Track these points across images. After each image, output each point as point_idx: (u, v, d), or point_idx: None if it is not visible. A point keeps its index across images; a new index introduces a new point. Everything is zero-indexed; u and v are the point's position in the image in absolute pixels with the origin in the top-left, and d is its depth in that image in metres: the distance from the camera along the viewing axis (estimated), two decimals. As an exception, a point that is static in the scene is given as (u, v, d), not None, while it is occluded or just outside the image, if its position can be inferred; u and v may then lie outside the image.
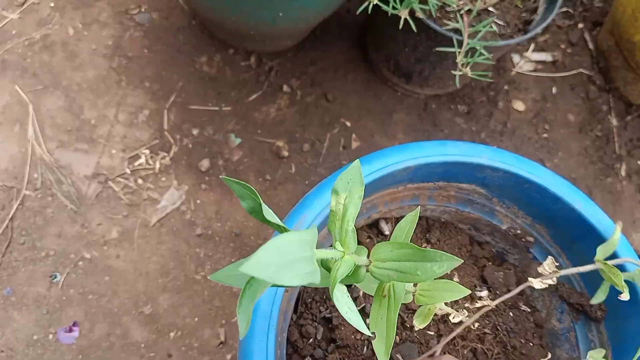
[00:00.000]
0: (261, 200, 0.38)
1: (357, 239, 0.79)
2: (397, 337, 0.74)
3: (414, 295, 0.51)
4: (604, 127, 1.29)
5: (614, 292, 0.70)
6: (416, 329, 0.65)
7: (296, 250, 0.32)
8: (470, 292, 0.48)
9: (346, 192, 0.41)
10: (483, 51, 0.85)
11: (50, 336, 0.96)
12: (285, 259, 0.31)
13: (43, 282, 0.99)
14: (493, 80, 1.28)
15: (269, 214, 0.38)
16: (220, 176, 1.08)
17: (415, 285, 0.51)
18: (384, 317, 0.43)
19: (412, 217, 0.47)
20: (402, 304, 0.76)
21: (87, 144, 1.08)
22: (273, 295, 0.60)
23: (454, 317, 0.59)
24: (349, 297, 0.40)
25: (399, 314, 0.74)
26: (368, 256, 0.42)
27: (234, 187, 0.39)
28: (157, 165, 1.08)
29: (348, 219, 0.40)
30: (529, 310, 0.80)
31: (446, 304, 0.67)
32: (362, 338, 0.74)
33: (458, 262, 0.37)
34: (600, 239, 0.68)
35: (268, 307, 0.60)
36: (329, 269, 0.40)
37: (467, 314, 0.64)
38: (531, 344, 0.77)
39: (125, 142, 1.09)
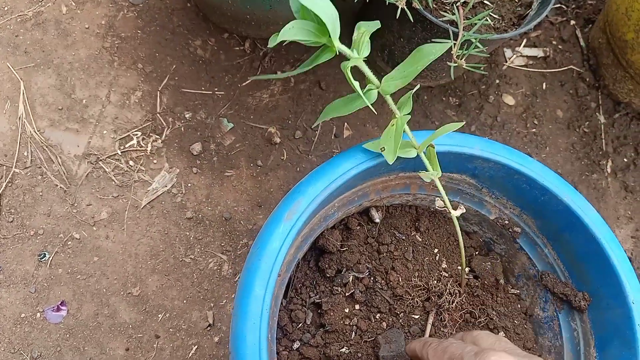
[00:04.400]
0: None
1: (348, 227, 0.80)
2: (384, 323, 0.76)
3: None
4: (592, 124, 1.31)
5: (599, 282, 0.72)
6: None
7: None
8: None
9: (367, 27, 0.60)
10: (478, 44, 0.85)
11: (38, 315, 0.96)
12: None
13: (31, 260, 0.99)
14: (485, 73, 1.29)
15: None
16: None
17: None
18: (392, 137, 0.63)
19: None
20: (390, 291, 0.77)
21: (77, 123, 1.07)
22: (267, 280, 0.61)
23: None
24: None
25: (387, 301, 0.76)
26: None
27: None
28: (149, 148, 1.08)
29: (365, 38, 0.60)
30: (517, 292, 0.82)
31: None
32: (351, 324, 0.75)
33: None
34: (586, 230, 0.70)
35: (261, 290, 0.61)
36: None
37: None
38: (525, 326, 0.79)
39: (117, 123, 1.08)
